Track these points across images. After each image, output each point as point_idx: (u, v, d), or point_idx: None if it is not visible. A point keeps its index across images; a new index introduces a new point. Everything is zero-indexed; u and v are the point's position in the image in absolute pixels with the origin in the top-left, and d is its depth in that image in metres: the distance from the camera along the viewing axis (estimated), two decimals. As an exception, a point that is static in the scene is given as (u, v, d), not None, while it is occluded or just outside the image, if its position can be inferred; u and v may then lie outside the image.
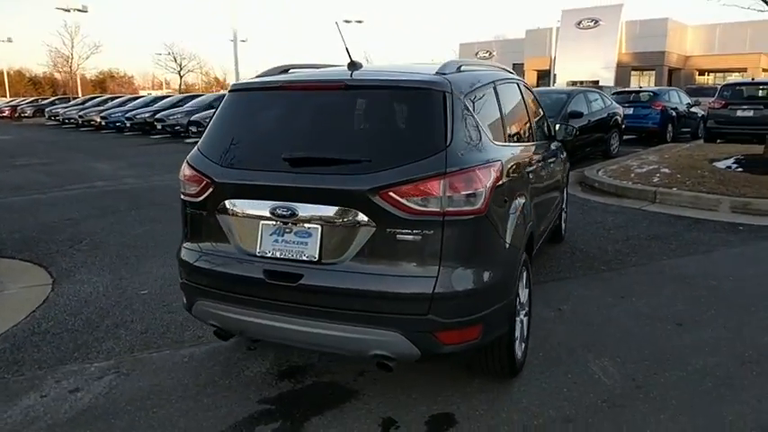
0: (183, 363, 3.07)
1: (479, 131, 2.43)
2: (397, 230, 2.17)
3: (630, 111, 12.64)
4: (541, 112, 4.25)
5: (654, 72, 41.08)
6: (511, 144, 2.95)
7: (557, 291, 3.97)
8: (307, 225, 2.31)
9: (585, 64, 39.82)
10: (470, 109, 2.44)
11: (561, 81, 38.34)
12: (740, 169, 7.40)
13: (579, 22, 41.64)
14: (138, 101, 24.89)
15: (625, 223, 5.90)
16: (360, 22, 45.96)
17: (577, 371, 2.86)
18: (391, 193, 2.15)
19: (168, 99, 23.74)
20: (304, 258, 2.32)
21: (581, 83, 36.86)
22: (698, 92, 17.46)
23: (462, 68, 2.69)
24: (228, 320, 2.54)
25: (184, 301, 2.71)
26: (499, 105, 2.92)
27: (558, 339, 3.21)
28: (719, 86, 13.06)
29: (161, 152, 14.80)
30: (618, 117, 10.95)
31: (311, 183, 2.28)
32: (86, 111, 25.48)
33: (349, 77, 2.48)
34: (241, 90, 2.75)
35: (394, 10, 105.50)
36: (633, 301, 3.79)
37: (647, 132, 12.92)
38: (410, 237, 2.17)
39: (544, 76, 44.54)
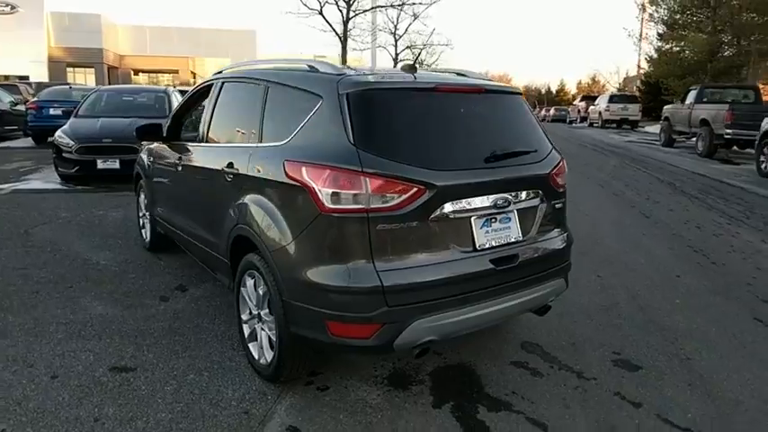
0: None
1: None
2: (555, 202, 2.83)
3: None
4: None
5: (94, 69, 40.75)
6: None
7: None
8: (506, 211, 2.58)
9: (12, 56, 35.24)
10: None
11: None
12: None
13: (-10, 7, 36.08)
14: None
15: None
16: None
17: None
18: (554, 175, 2.79)
19: None
20: (512, 240, 2.61)
21: (5, 78, 32.58)
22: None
23: None
24: (450, 326, 2.43)
25: (377, 337, 2.27)
26: None
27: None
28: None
29: None
30: None
31: (515, 173, 2.59)
32: None
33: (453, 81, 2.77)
34: (390, 89, 2.48)
35: None
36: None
37: None
38: (559, 206, 2.88)
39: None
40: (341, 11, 10.23)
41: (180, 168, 3.72)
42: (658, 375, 2.97)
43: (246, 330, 2.95)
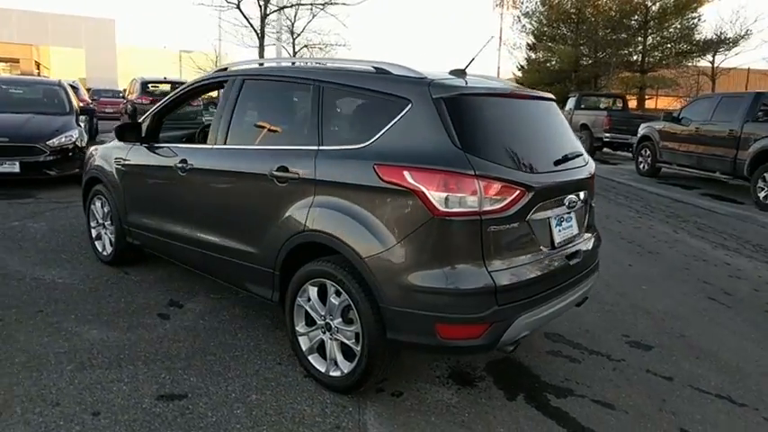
0: None
1: None
2: (592, 202, 3.10)
3: None
4: None
5: None
6: None
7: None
8: (573, 211, 2.78)
9: None
10: None
11: None
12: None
13: None
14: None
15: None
16: None
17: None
18: (593, 177, 3.06)
19: None
20: (575, 238, 2.82)
21: None
22: None
23: None
24: (539, 321, 2.57)
25: (486, 336, 2.33)
26: None
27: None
28: (140, 82, 13.90)
29: None
30: None
31: (575, 175, 2.80)
32: None
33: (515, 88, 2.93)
34: (478, 94, 2.54)
35: None
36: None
37: None
38: (593, 205, 3.15)
39: None
40: (260, 6, 10.07)
41: (185, 173, 3.40)
42: (669, 352, 3.39)
43: (305, 343, 2.82)
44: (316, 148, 2.73)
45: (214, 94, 10.36)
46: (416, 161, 2.37)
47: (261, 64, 3.55)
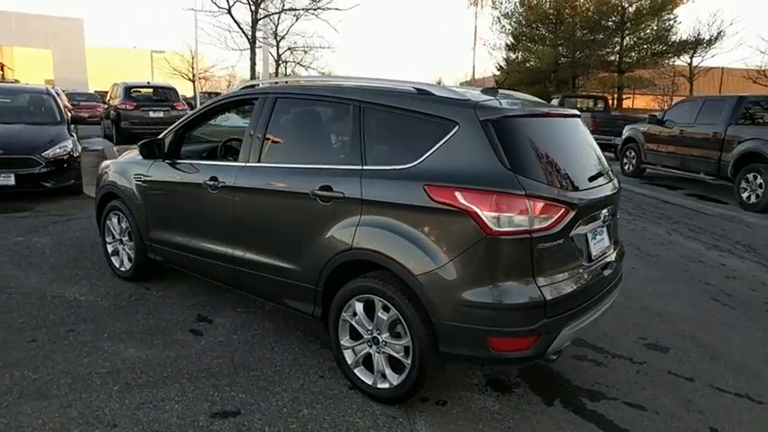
0: None
1: None
2: (616, 216, 3.25)
3: None
4: None
5: None
6: None
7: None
8: (605, 225, 2.93)
9: None
10: None
11: None
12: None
13: None
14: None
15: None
16: None
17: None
18: (619, 191, 3.21)
19: None
20: (606, 250, 2.96)
21: None
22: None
23: None
24: (579, 331, 2.70)
25: (534, 347, 2.47)
26: None
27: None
28: (122, 87, 13.62)
29: None
30: None
31: (606, 191, 2.95)
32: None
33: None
34: (521, 116, 2.69)
35: None
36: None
37: None
38: (617, 218, 3.30)
39: None
40: (251, 11, 10.17)
41: (216, 191, 3.44)
42: (685, 353, 3.57)
43: (350, 357, 2.91)
44: (360, 167, 2.82)
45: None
46: (467, 182, 2.48)
47: (297, 81, 3.61)
